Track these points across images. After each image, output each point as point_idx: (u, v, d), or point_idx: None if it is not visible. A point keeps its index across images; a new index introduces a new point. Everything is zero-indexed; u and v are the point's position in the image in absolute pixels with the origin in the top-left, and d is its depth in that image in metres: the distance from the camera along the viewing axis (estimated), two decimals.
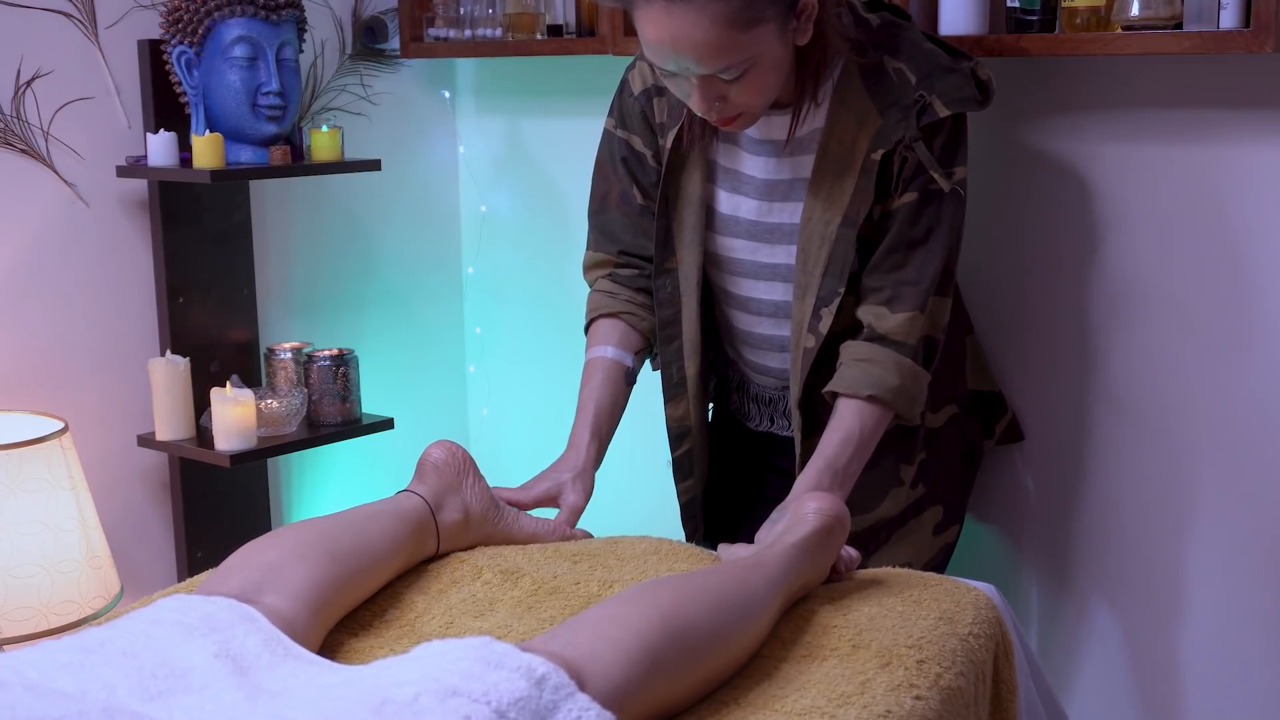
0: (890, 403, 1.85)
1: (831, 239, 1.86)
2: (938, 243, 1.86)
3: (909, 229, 1.85)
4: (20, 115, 2.42)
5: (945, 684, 1.43)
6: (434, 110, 3.01)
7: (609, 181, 2.06)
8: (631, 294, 2.05)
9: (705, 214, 1.96)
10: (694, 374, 2.02)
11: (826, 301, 1.88)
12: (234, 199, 2.63)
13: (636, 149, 2.02)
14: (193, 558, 2.62)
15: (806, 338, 1.90)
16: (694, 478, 2.09)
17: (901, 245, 1.86)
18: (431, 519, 1.72)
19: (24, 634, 2.17)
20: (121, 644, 1.29)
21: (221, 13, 2.43)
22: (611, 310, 2.05)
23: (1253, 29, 1.86)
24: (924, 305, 1.85)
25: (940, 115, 1.81)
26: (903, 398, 1.86)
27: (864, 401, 1.85)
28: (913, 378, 1.86)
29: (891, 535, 2.04)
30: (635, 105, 2.00)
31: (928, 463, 2.05)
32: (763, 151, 1.92)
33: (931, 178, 1.83)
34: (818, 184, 1.86)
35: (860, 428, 1.84)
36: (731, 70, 1.72)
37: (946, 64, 1.84)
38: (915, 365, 1.86)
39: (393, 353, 2.96)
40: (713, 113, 1.78)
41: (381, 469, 2.89)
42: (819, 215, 1.87)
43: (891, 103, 1.82)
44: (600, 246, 2.08)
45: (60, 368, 2.51)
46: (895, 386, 1.84)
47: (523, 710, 1.18)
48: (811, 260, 1.88)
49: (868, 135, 1.83)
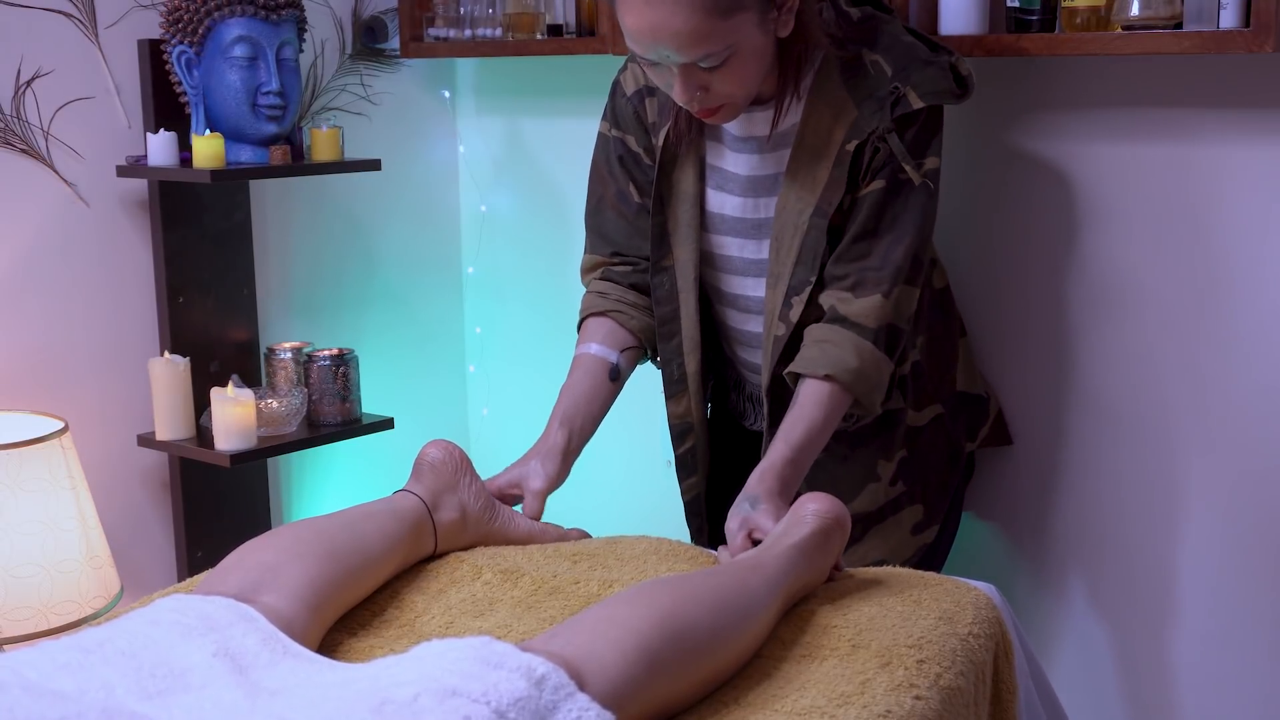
0: (848, 385, 1.83)
1: (804, 228, 1.87)
2: (904, 231, 1.86)
3: (875, 218, 1.85)
4: (20, 115, 2.42)
5: (945, 684, 1.43)
6: (434, 110, 3.01)
7: (604, 184, 2.07)
8: (623, 292, 2.05)
9: (699, 212, 1.97)
10: (694, 370, 2.02)
11: (797, 290, 1.89)
12: (234, 199, 2.63)
13: (632, 148, 2.02)
14: (193, 558, 2.62)
15: (777, 326, 1.91)
16: (697, 475, 2.09)
17: (867, 234, 1.86)
18: (429, 518, 1.72)
19: (24, 634, 2.17)
20: (120, 644, 1.29)
21: (221, 13, 2.43)
22: (600, 309, 2.05)
23: (1253, 29, 1.86)
24: (888, 292, 1.85)
25: (914, 107, 1.82)
26: (861, 382, 1.84)
27: (821, 381, 1.84)
28: (873, 363, 1.85)
29: (867, 531, 2.05)
30: (628, 106, 2.01)
31: (909, 461, 2.05)
32: (746, 149, 1.93)
33: (901, 168, 1.84)
34: (793, 174, 1.87)
35: (816, 407, 1.83)
36: (711, 59, 1.72)
37: (925, 57, 1.85)
38: (876, 350, 1.85)
39: (393, 353, 2.96)
40: (694, 103, 1.78)
41: (381, 469, 2.89)
42: (793, 205, 1.88)
43: (867, 94, 1.83)
44: (595, 249, 2.09)
45: (60, 368, 2.51)
46: (854, 368, 1.83)
47: (522, 710, 1.18)
48: (784, 250, 1.89)
49: (843, 127, 1.84)
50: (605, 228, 2.07)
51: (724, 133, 1.94)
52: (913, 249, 1.86)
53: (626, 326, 2.04)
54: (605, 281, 2.07)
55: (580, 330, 2.07)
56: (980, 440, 2.22)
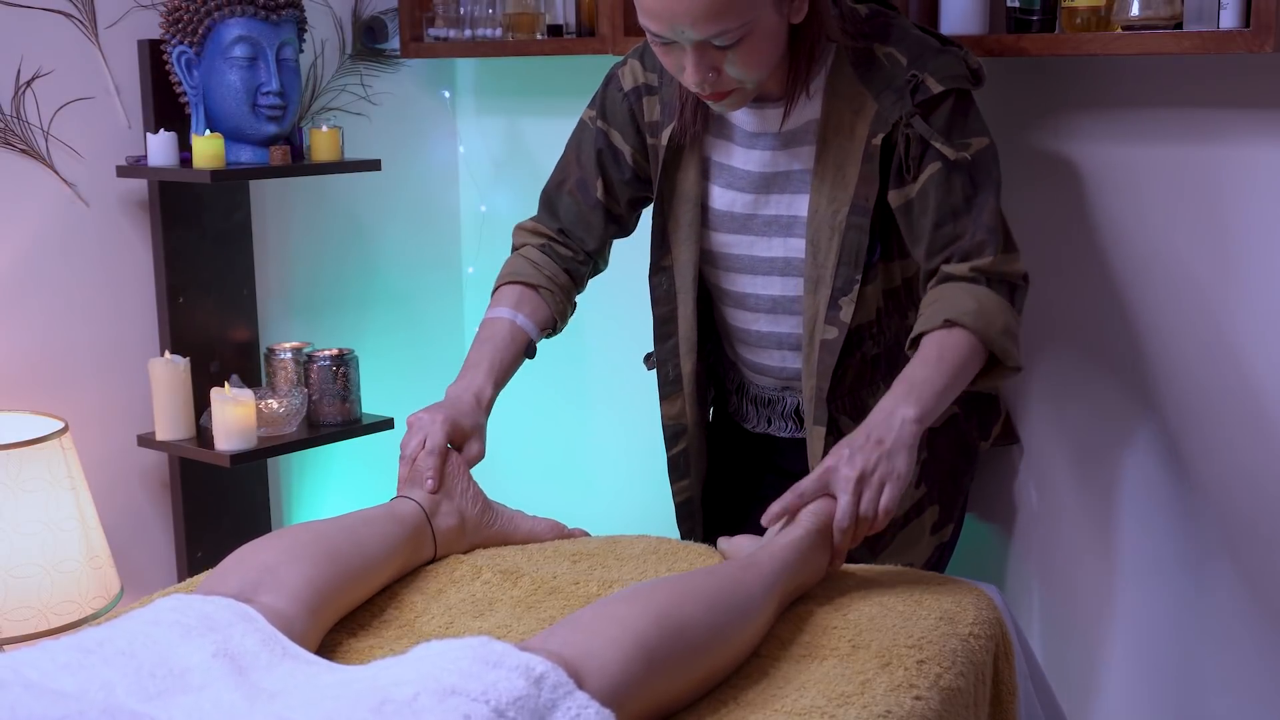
0: (971, 325, 1.74)
1: (842, 228, 1.86)
2: (983, 200, 1.82)
3: (946, 199, 1.82)
4: (20, 115, 2.42)
5: (945, 684, 1.43)
6: (434, 110, 3.01)
7: (570, 169, 2.06)
8: (556, 271, 2.03)
9: (700, 211, 1.97)
10: (689, 372, 2.02)
11: (844, 291, 1.87)
12: (234, 199, 2.63)
13: (615, 143, 2.02)
14: (193, 558, 2.62)
15: (825, 330, 1.89)
16: (690, 477, 2.09)
17: (946, 218, 1.82)
18: (427, 524, 1.72)
19: (24, 634, 2.17)
20: (120, 644, 1.29)
21: (221, 13, 2.44)
22: (532, 281, 2.01)
23: (1253, 29, 1.86)
24: (994, 253, 1.80)
25: (934, 91, 1.81)
26: (983, 319, 1.74)
27: (941, 330, 1.75)
28: (994, 303, 1.77)
29: (895, 536, 2.04)
30: (623, 102, 2.01)
31: (929, 462, 2.05)
32: (756, 145, 1.93)
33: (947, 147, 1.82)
34: (820, 176, 1.87)
35: (939, 349, 1.73)
36: (727, 36, 1.72)
37: (936, 47, 1.86)
38: (993, 294, 1.78)
39: (393, 353, 2.96)
40: (705, 85, 1.78)
41: (381, 469, 2.88)
42: (825, 207, 1.87)
43: (885, 86, 1.83)
44: (543, 221, 2.08)
45: (60, 368, 2.51)
46: (972, 310, 1.74)
47: (522, 709, 1.19)
48: (822, 253, 1.88)
49: (865, 121, 1.84)
50: (559, 207, 2.07)
51: (734, 130, 1.94)
52: (998, 213, 1.82)
53: (550, 306, 2.02)
54: (543, 254, 2.04)
55: (501, 291, 2.02)
56: (993, 439, 2.22)
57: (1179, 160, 2.10)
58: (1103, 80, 2.15)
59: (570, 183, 2.06)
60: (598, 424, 2.95)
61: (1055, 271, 2.23)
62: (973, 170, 1.83)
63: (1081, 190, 2.19)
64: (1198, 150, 2.08)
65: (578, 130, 2.07)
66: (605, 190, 2.04)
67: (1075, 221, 2.20)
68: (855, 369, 1.94)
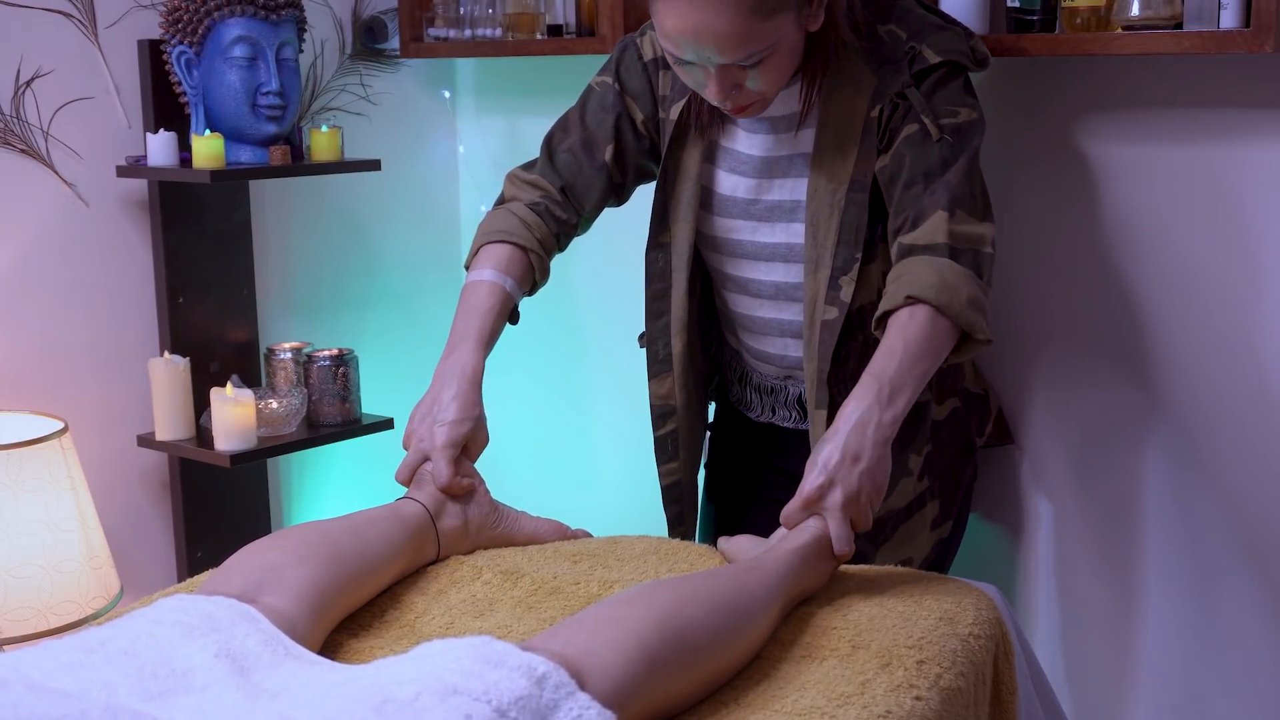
0: (933, 300, 1.70)
1: (841, 205, 1.85)
2: (955, 167, 1.79)
3: (919, 162, 1.80)
4: (20, 115, 2.42)
5: (945, 684, 1.43)
6: (434, 110, 3.01)
7: (573, 128, 2.02)
8: (546, 235, 1.97)
9: (700, 193, 1.96)
10: (680, 351, 2.00)
11: (844, 270, 1.86)
12: (234, 199, 2.63)
13: (631, 112, 2.00)
14: (193, 558, 2.62)
15: (825, 310, 1.87)
16: (678, 460, 2.07)
17: (915, 179, 1.79)
18: (431, 525, 1.72)
19: (24, 634, 2.17)
20: (122, 643, 1.29)
21: (221, 13, 2.44)
22: (523, 243, 1.94)
23: (1253, 29, 1.86)
24: (950, 208, 1.76)
25: (931, 62, 1.81)
26: (947, 293, 1.70)
27: (903, 308, 1.72)
28: (956, 275, 1.72)
29: (897, 529, 2.04)
30: (642, 71, 1.99)
31: (932, 455, 2.05)
32: (760, 129, 1.92)
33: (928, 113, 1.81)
34: (820, 157, 1.86)
35: (903, 336, 1.70)
36: (752, 58, 1.72)
37: (938, 24, 1.86)
38: (955, 264, 1.73)
39: (393, 353, 2.96)
40: (728, 102, 1.78)
41: (381, 469, 2.87)
42: (824, 186, 1.86)
43: (884, 60, 1.83)
44: (546, 175, 2.01)
45: (60, 368, 2.51)
46: (934, 283, 1.71)
47: (523, 709, 1.19)
48: (821, 232, 1.87)
49: (865, 96, 1.83)
50: (560, 163, 2.01)
51: None
52: (964, 175, 1.78)
53: (535, 271, 1.97)
54: (534, 214, 1.97)
55: (489, 250, 1.95)
56: (986, 436, 2.22)
57: (1179, 160, 2.10)
58: (1103, 80, 2.15)
59: (572, 140, 2.02)
60: (596, 418, 2.95)
61: (1056, 271, 2.23)
62: (954, 136, 1.81)
63: (1081, 190, 2.19)
64: (1198, 150, 2.08)
65: (585, 95, 2.04)
66: (616, 155, 2.00)
67: (1075, 221, 2.20)
68: (858, 352, 1.90)
